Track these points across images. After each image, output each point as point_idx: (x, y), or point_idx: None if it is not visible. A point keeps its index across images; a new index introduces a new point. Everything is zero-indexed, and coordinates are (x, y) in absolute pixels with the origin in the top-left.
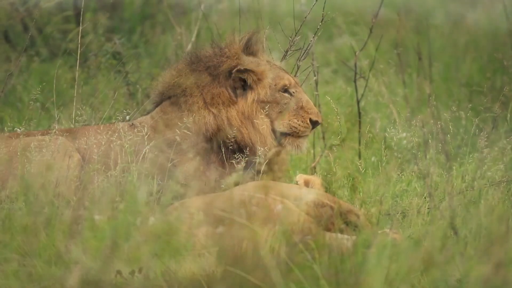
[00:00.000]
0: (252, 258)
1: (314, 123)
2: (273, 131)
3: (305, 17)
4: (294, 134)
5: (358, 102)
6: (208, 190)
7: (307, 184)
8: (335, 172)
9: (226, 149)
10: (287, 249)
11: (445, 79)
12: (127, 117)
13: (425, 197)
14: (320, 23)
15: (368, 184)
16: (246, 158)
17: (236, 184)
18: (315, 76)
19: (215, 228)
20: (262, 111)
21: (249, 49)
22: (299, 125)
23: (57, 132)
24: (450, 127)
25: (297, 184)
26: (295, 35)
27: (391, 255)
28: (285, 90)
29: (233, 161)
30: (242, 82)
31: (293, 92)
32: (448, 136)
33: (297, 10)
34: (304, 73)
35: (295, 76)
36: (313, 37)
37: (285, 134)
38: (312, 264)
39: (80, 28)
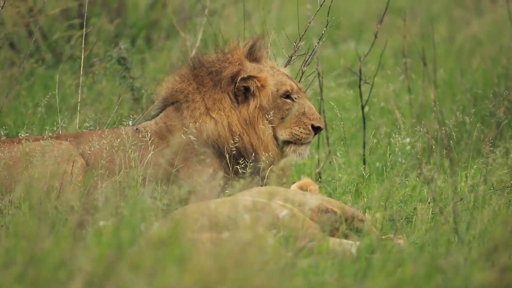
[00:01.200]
0: (256, 263)
1: (317, 129)
2: (275, 137)
3: (310, 22)
4: (296, 142)
5: (362, 107)
6: (212, 196)
7: (302, 189)
8: (340, 177)
9: (229, 155)
10: (292, 255)
11: (450, 85)
12: (130, 122)
13: (429, 203)
14: (325, 28)
15: (373, 189)
16: (251, 164)
17: (241, 189)
18: (320, 81)
19: (219, 234)
20: (263, 117)
21: (252, 54)
22: (301, 132)
23: (61, 136)
24: (454, 132)
25: None
26: (300, 40)
27: (396, 261)
28: (287, 96)
29: (238, 167)
30: (245, 89)
31: (295, 98)
32: (452, 142)
33: (302, 15)
34: (309, 78)
35: (299, 81)
36: (318, 42)
37: (287, 142)
38: (316, 270)
39: (84, 33)
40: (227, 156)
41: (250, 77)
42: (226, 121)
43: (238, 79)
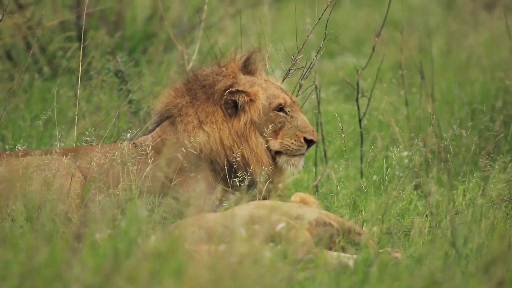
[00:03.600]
0: (253, 276)
1: (309, 142)
2: (268, 149)
3: (308, 36)
4: (288, 153)
5: (360, 120)
6: (209, 209)
7: (302, 202)
8: (338, 191)
9: (224, 168)
10: (289, 267)
11: (447, 98)
12: (128, 135)
13: (426, 216)
14: (322, 42)
15: (370, 202)
16: (249, 177)
17: (238, 203)
18: (317, 94)
19: (216, 246)
20: (255, 131)
21: (247, 67)
22: (292, 143)
23: (59, 151)
24: (452, 146)
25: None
26: (298, 54)
27: (393, 274)
28: (280, 109)
29: (235, 180)
30: (234, 103)
31: (289, 111)
32: (449, 155)
33: (300, 29)
34: (306, 91)
35: (297, 95)
36: (316, 55)
37: (279, 153)
38: (313, 283)
39: (82, 46)
40: (226, 168)
41: (238, 91)
42: (218, 134)
43: (226, 93)
